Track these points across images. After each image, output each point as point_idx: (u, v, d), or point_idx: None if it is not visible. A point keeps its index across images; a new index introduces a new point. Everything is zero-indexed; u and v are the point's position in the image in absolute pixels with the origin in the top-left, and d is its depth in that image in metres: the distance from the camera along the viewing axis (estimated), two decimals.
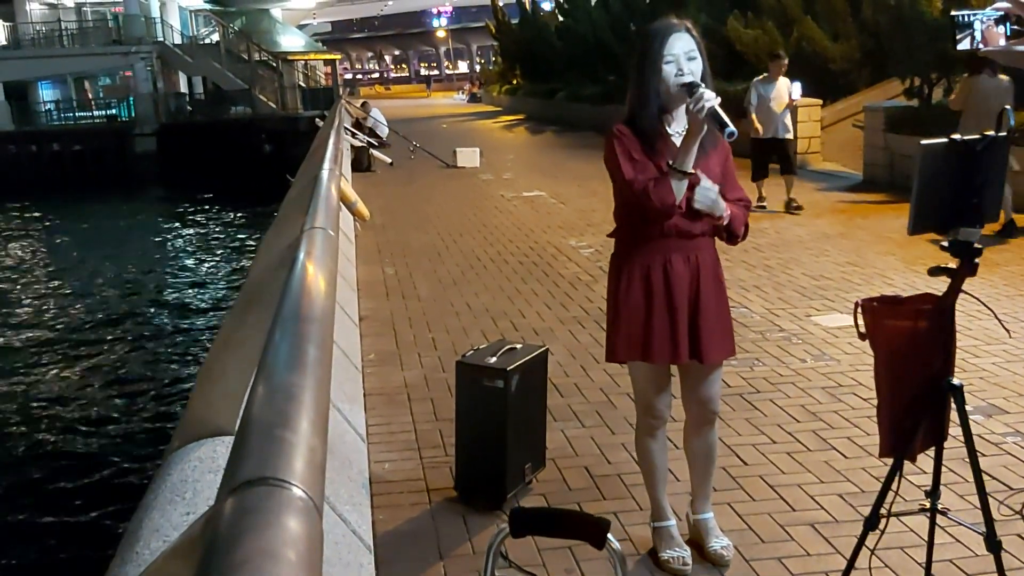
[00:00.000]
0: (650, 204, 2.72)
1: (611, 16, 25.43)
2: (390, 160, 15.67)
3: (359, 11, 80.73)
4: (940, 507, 2.57)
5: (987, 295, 5.88)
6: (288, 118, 32.15)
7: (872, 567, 2.70)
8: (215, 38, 39.22)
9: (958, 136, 2.37)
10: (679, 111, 2.82)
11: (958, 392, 2.45)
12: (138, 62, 33.63)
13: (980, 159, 2.34)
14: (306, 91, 37.39)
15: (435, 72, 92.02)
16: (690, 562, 2.98)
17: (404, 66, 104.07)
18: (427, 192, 13.12)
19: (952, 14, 2.60)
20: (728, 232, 2.88)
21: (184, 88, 39.97)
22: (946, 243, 2.40)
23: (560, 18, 33.08)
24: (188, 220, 23.81)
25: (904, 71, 12.43)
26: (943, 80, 11.84)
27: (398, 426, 4.32)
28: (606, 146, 2.84)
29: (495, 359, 3.47)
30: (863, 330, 2.55)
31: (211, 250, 19.79)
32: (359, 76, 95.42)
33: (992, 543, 2.45)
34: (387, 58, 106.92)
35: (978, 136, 2.35)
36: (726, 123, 2.59)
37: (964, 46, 2.65)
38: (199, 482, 2.50)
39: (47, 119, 35.94)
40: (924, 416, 2.49)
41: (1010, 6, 2.51)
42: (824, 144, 13.60)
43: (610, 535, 1.98)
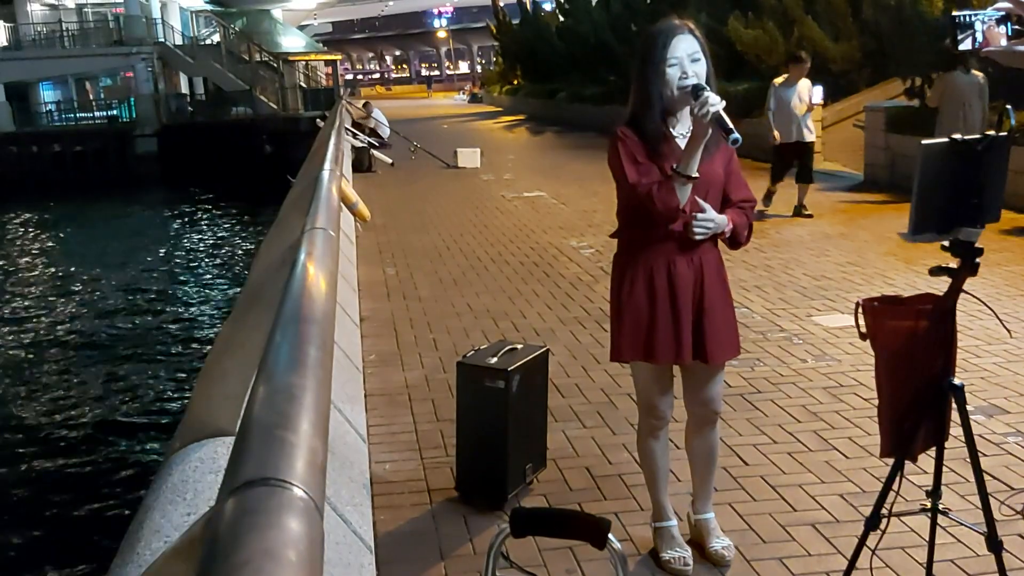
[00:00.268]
0: (654, 208, 2.71)
1: (612, 16, 25.45)
2: (391, 161, 15.68)
3: (360, 11, 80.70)
4: (941, 507, 2.57)
5: (988, 295, 5.88)
6: (289, 119, 32.18)
7: (873, 567, 2.70)
8: (216, 39, 39.26)
9: (958, 136, 2.37)
10: (683, 113, 2.81)
11: (959, 392, 2.45)
12: (139, 63, 33.65)
13: (981, 159, 2.34)
14: (307, 92, 37.43)
15: (436, 72, 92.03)
16: (691, 562, 2.98)
17: (405, 66, 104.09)
18: (428, 193, 13.13)
19: (953, 15, 2.61)
20: (731, 240, 2.90)
21: (185, 89, 39.98)
22: (947, 243, 2.40)
23: (561, 18, 33.10)
24: (189, 221, 23.82)
25: (905, 71, 12.43)
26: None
27: (399, 427, 4.32)
28: (609, 148, 2.83)
29: (496, 359, 3.47)
30: (864, 330, 2.55)
31: (212, 251, 19.79)
32: (360, 77, 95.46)
33: (993, 543, 2.46)
34: (388, 59, 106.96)
35: (979, 136, 2.35)
36: (731, 129, 2.58)
37: (965, 46, 2.65)
38: (200, 483, 2.50)
39: (48, 120, 35.97)
40: (925, 416, 2.49)
41: (1011, 6, 2.51)
42: (825, 144, 13.59)
43: (611, 535, 1.99)
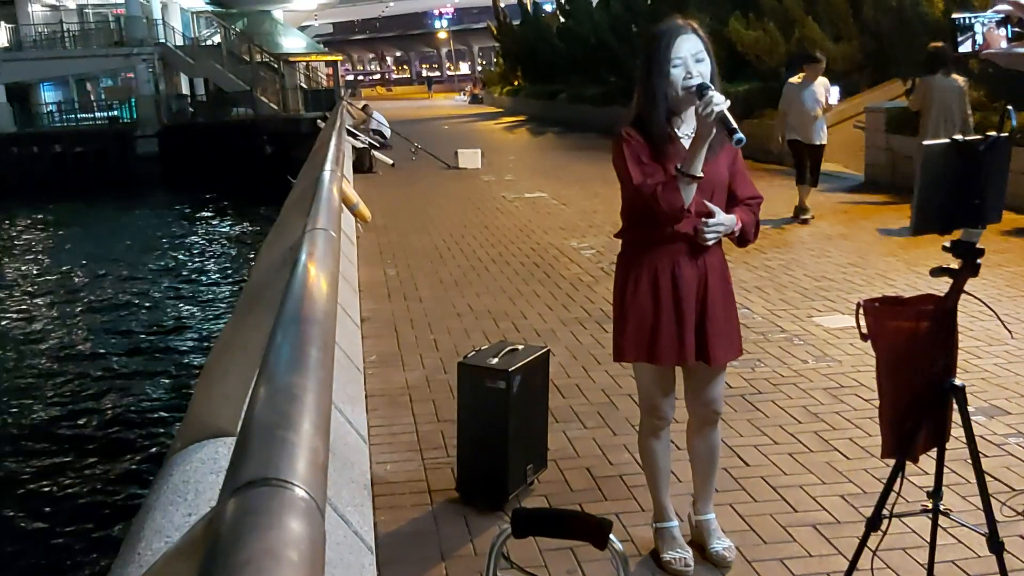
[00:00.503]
0: (658, 208, 2.70)
1: (612, 17, 25.43)
2: (392, 161, 15.68)
3: (360, 12, 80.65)
4: (942, 508, 2.57)
5: (989, 296, 5.88)
6: (290, 119, 32.17)
7: (874, 568, 2.70)
8: (217, 39, 39.23)
9: (959, 137, 2.37)
10: (688, 113, 2.80)
11: (960, 393, 2.45)
12: (140, 64, 33.66)
13: (982, 160, 2.34)
14: (308, 92, 37.42)
15: (436, 73, 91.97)
16: (692, 563, 2.98)
17: (405, 67, 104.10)
18: (429, 193, 13.13)
19: (953, 16, 2.60)
20: (739, 239, 2.90)
21: (186, 89, 39.99)
22: (948, 244, 2.40)
23: (561, 19, 33.05)
24: (190, 221, 23.82)
25: (905, 72, 12.42)
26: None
27: (400, 427, 4.32)
28: (614, 149, 2.82)
29: (497, 360, 3.47)
30: (865, 331, 2.54)
31: (213, 251, 19.80)
32: (360, 77, 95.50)
33: (994, 544, 2.45)
34: (388, 59, 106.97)
35: (980, 136, 2.35)
36: (735, 129, 2.57)
37: (965, 48, 2.65)
38: (201, 483, 2.50)
39: (49, 121, 35.99)
40: (926, 417, 2.49)
41: (1011, 9, 2.51)
42: (825, 145, 13.55)
43: (612, 536, 1.98)
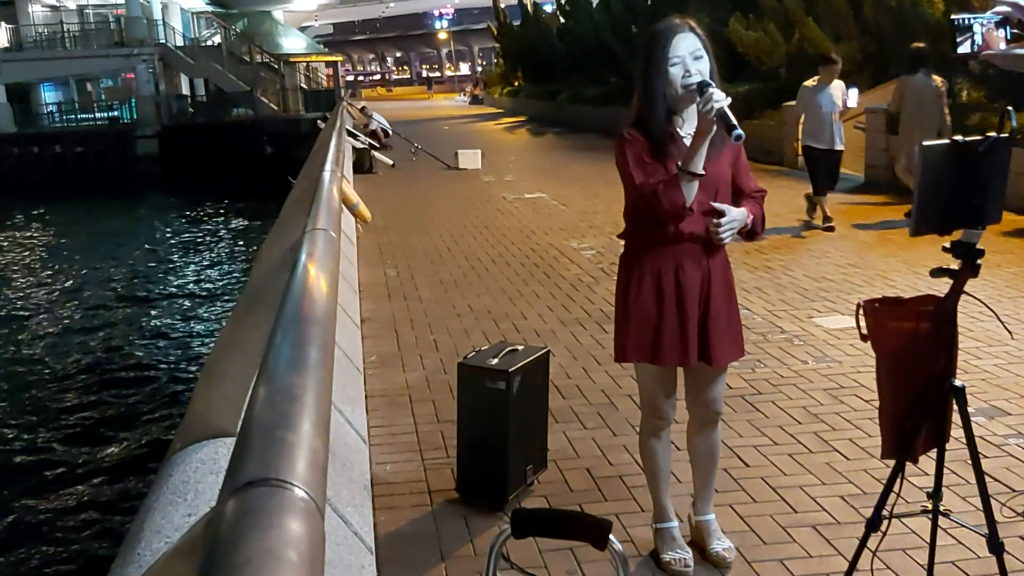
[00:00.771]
0: (660, 207, 2.70)
1: (613, 17, 25.44)
2: (392, 162, 15.68)
3: (360, 13, 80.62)
4: (942, 509, 2.57)
5: (989, 296, 5.88)
6: (290, 120, 32.17)
7: (874, 569, 2.70)
8: (217, 40, 39.22)
9: (959, 137, 2.37)
10: (689, 111, 2.79)
11: (960, 394, 2.45)
12: (140, 64, 33.65)
13: (982, 160, 2.34)
14: (308, 93, 37.44)
15: (436, 74, 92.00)
16: (692, 564, 2.98)
17: (406, 68, 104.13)
18: (429, 194, 13.13)
19: (952, 17, 2.60)
20: (748, 234, 2.89)
21: (186, 90, 39.98)
22: (948, 244, 2.40)
23: (562, 20, 33.06)
24: (190, 222, 23.82)
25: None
26: (944, 82, 11.82)
27: (400, 428, 4.32)
28: (616, 150, 2.82)
29: (497, 361, 3.47)
30: (865, 332, 2.54)
31: (213, 252, 19.80)
32: (361, 78, 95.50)
33: (994, 545, 2.45)
34: (389, 60, 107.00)
35: (980, 137, 2.35)
36: (734, 125, 2.57)
37: (964, 49, 2.65)
38: (201, 483, 2.50)
39: (49, 121, 36.01)
40: (926, 418, 2.49)
41: (1010, 10, 2.51)
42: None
43: (612, 536, 1.98)
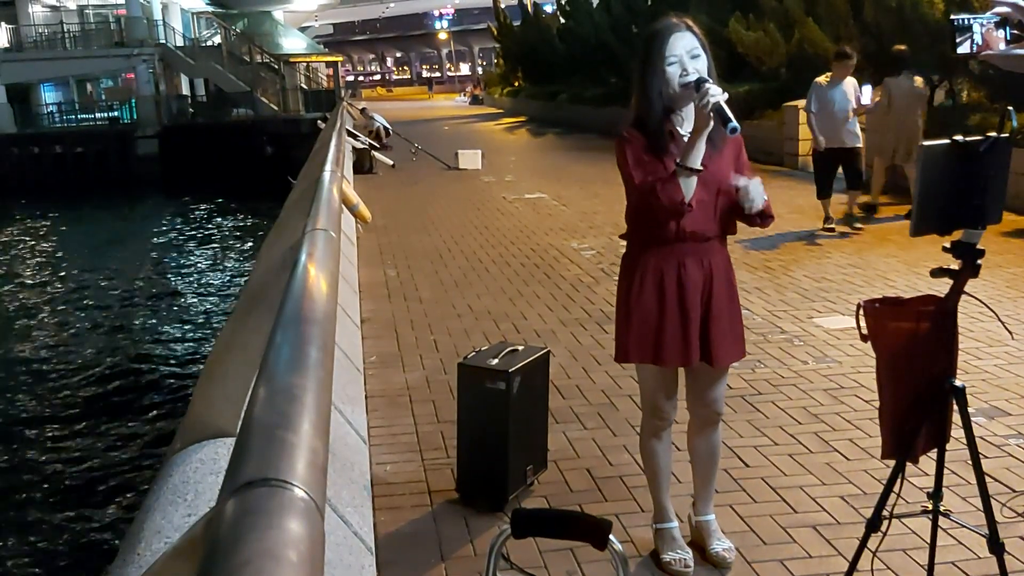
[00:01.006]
0: (659, 204, 2.68)
1: (613, 18, 25.42)
2: (392, 162, 15.69)
3: (361, 13, 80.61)
4: (942, 509, 2.57)
5: (989, 297, 5.88)
6: (290, 120, 32.19)
7: (874, 569, 2.70)
8: (217, 40, 39.24)
9: (959, 137, 2.37)
10: (689, 110, 2.78)
11: (960, 394, 2.45)
12: (140, 64, 33.68)
13: (982, 160, 2.34)
14: (308, 93, 37.45)
15: (437, 74, 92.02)
16: (692, 564, 2.98)
17: (406, 68, 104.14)
18: (429, 194, 13.13)
19: (952, 17, 2.59)
20: (762, 215, 2.80)
21: (186, 90, 40.02)
22: (948, 245, 2.40)
23: (562, 20, 33.04)
24: (190, 222, 23.83)
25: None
26: (945, 82, 11.83)
27: (400, 428, 4.32)
28: (616, 150, 2.82)
29: (497, 361, 3.47)
30: (865, 332, 2.54)
31: (213, 252, 19.80)
32: (361, 78, 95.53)
33: (995, 545, 2.45)
34: (389, 60, 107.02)
35: (980, 137, 2.35)
36: (729, 118, 2.55)
37: (964, 50, 2.65)
38: (200, 483, 2.50)
39: (49, 121, 36.02)
40: (926, 418, 2.49)
41: (1009, 10, 2.51)
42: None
43: (612, 536, 1.98)
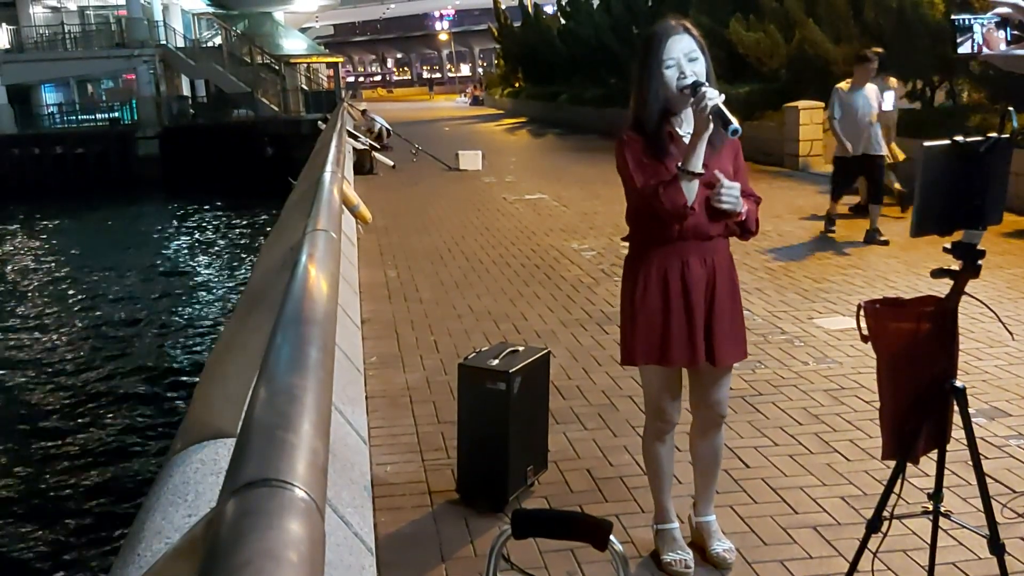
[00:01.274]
0: (661, 207, 2.69)
1: (613, 19, 25.43)
2: (392, 163, 15.69)
3: (361, 14, 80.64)
4: (943, 510, 2.57)
5: (990, 297, 5.88)
6: (290, 121, 32.20)
7: (875, 570, 2.70)
8: (217, 41, 39.26)
9: (960, 138, 2.37)
10: (687, 112, 2.78)
11: (961, 394, 2.45)
12: (141, 65, 33.69)
13: (982, 161, 2.34)
14: (308, 94, 37.44)
15: (437, 75, 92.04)
16: (692, 565, 2.98)
17: (406, 69, 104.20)
18: (429, 195, 13.13)
19: (952, 18, 2.59)
20: (742, 228, 2.84)
21: (187, 91, 40.03)
22: (948, 245, 2.40)
23: (562, 21, 33.05)
24: (190, 223, 23.84)
25: (906, 74, 12.43)
26: (945, 83, 11.84)
27: (400, 428, 4.32)
28: (616, 153, 2.82)
29: (497, 361, 3.47)
30: (865, 332, 2.54)
31: (213, 252, 19.81)
32: (361, 79, 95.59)
33: (995, 546, 2.45)
34: (389, 61, 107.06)
35: (981, 138, 2.35)
36: (729, 120, 2.56)
37: (964, 50, 2.65)
38: (201, 484, 2.50)
39: (50, 122, 36.08)
40: (927, 419, 2.49)
41: (1009, 11, 2.51)
42: (826, 146, 13.59)
43: (612, 537, 1.98)
